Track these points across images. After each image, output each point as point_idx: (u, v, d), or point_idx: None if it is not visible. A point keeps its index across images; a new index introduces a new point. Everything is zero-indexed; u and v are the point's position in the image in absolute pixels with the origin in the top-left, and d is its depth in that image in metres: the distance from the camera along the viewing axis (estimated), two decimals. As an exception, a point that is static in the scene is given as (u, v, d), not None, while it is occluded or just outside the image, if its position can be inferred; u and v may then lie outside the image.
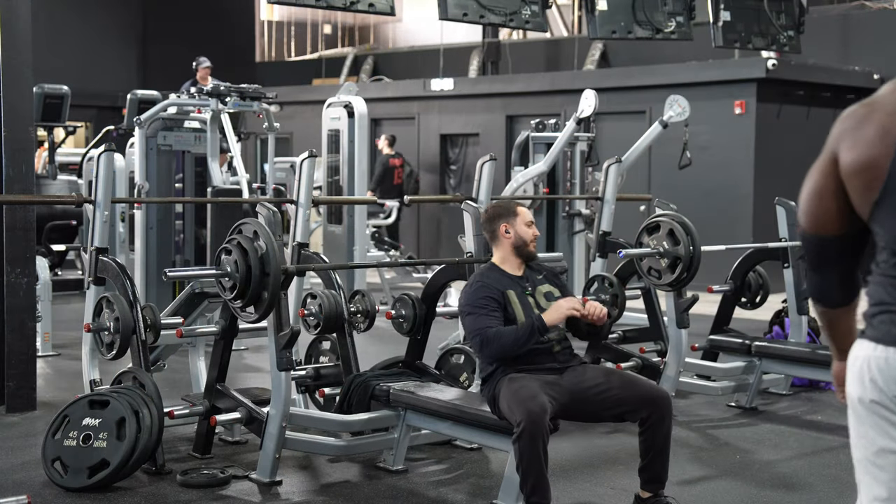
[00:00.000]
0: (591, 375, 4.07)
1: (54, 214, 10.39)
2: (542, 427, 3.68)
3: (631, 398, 3.94)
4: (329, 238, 8.49)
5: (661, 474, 3.97)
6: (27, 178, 5.60)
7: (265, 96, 7.87)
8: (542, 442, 3.69)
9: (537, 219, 8.58)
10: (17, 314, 5.60)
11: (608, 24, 8.15)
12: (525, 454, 3.68)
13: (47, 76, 11.17)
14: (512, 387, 3.89)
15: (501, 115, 13.73)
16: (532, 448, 3.67)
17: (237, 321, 4.64)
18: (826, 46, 12.91)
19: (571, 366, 4.12)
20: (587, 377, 4.05)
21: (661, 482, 3.98)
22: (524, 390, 3.83)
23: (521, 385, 3.87)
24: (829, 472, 4.81)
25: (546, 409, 3.72)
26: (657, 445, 3.91)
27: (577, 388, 3.99)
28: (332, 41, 23.09)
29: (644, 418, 3.90)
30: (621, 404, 3.95)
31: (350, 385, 4.70)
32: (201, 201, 7.56)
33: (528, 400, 3.76)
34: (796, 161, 12.02)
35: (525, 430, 3.67)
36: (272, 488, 4.41)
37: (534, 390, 3.82)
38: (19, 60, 5.60)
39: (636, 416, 3.93)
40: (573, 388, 3.99)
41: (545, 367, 4.06)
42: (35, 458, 4.65)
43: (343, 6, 6.75)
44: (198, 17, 18.24)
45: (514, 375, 3.97)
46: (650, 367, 6.07)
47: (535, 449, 3.67)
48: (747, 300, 6.56)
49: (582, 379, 4.03)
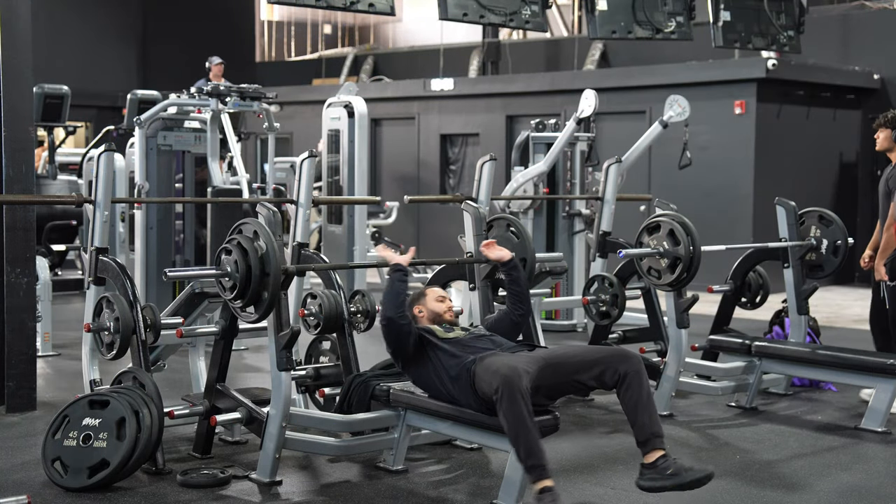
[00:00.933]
0: (561, 346, 4.35)
1: (54, 214, 10.39)
2: (519, 387, 3.76)
3: (605, 357, 4.10)
4: (329, 238, 8.49)
5: (655, 429, 3.97)
6: (27, 178, 5.60)
7: (265, 96, 7.87)
8: (523, 401, 3.75)
9: (537, 219, 8.61)
10: (17, 314, 5.60)
11: (608, 24, 8.15)
12: (509, 418, 3.75)
13: (47, 76, 11.19)
14: (483, 364, 4.05)
15: (501, 115, 13.73)
16: (514, 409, 3.74)
17: (237, 321, 4.65)
18: (826, 46, 12.91)
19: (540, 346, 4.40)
20: (558, 348, 4.30)
21: (660, 436, 3.97)
22: (497, 362, 3.99)
23: (493, 359, 4.05)
24: (829, 472, 4.81)
25: (519, 372, 3.82)
26: (642, 401, 3.97)
27: (549, 356, 4.14)
28: (332, 41, 23.09)
29: (622, 375, 4.00)
30: (597, 364, 4.07)
31: (350, 385, 4.70)
32: (201, 201, 7.56)
33: (501, 367, 3.89)
34: (796, 161, 12.10)
35: (503, 395, 3.76)
36: (272, 488, 4.41)
37: (505, 359, 3.99)
38: (19, 60, 5.60)
39: (613, 373, 4.02)
40: (546, 356, 4.14)
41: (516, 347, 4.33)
42: (35, 458, 4.65)
43: (343, 6, 6.75)
44: (198, 17, 18.24)
45: (485, 356, 4.13)
46: (650, 367, 6.05)
47: (518, 409, 3.74)
48: (747, 300, 6.56)
49: (553, 350, 4.25)
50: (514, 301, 4.69)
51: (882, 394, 5.53)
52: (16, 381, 5.59)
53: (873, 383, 5.59)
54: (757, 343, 6.08)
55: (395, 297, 4.35)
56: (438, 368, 4.29)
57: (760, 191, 11.47)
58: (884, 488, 4.57)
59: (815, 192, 11.73)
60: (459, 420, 4.26)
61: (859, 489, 4.54)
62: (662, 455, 3.93)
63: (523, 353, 4.25)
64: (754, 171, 11.69)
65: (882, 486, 4.61)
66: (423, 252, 14.03)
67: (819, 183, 12.37)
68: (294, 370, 4.55)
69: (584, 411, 5.83)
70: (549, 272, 6.34)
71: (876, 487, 4.58)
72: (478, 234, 5.28)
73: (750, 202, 11.65)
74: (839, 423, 5.71)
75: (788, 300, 6.40)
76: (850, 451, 5.17)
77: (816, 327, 6.80)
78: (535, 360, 4.07)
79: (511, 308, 4.68)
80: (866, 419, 5.54)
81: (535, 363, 4.03)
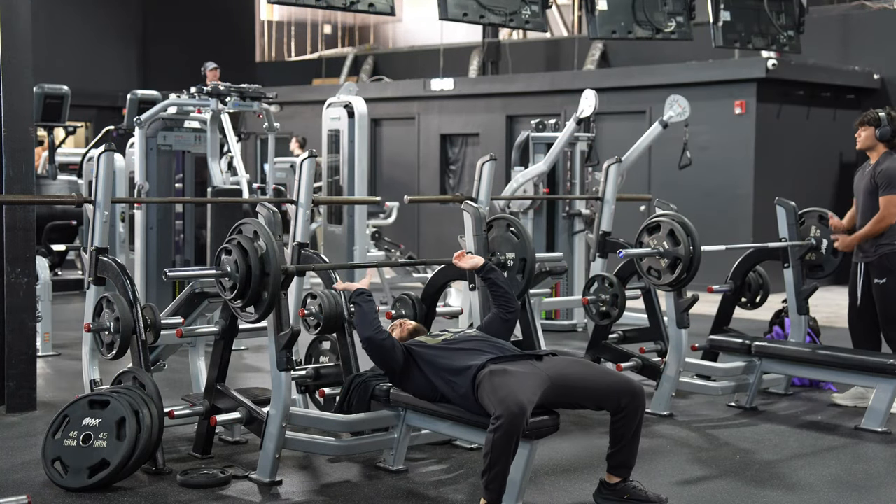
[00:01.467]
0: (570, 364, 4.25)
1: (54, 214, 10.39)
2: (518, 428, 3.80)
3: (612, 386, 4.12)
4: (329, 238, 8.49)
5: (630, 461, 4.17)
6: (27, 178, 5.60)
7: (265, 96, 7.87)
8: (516, 440, 3.82)
9: (537, 219, 8.62)
10: (18, 314, 5.60)
11: (608, 24, 8.15)
12: (496, 447, 3.79)
13: (47, 76, 11.19)
14: (494, 381, 4.01)
15: (501, 115, 13.73)
16: (504, 444, 3.79)
17: (237, 321, 4.65)
18: (826, 46, 12.91)
19: (548, 354, 4.30)
20: (567, 365, 4.21)
21: (630, 468, 4.17)
22: (505, 387, 3.94)
23: (503, 381, 3.98)
24: (829, 472, 4.81)
25: (525, 411, 3.83)
26: (629, 434, 4.11)
27: (557, 377, 4.10)
28: (332, 41, 23.09)
29: (621, 407, 4.07)
30: (604, 396, 4.11)
31: (350, 385, 4.70)
32: (201, 201, 7.56)
33: (507, 398, 3.87)
34: (796, 161, 12.10)
35: (502, 427, 3.78)
36: (272, 488, 4.41)
37: (513, 387, 3.93)
38: (19, 60, 5.60)
39: (614, 403, 4.08)
40: (554, 375, 4.10)
41: (523, 355, 4.28)
42: (35, 458, 4.65)
43: (343, 6, 6.76)
44: (198, 17, 18.24)
45: (494, 368, 4.08)
46: (650, 367, 6.07)
47: (507, 446, 3.80)
48: (747, 300, 6.56)
49: (562, 367, 4.18)
50: (498, 302, 4.71)
51: (882, 394, 5.52)
52: (16, 381, 5.59)
53: (873, 383, 5.59)
54: (757, 343, 6.08)
55: (365, 317, 4.38)
56: (437, 370, 4.28)
57: (760, 191, 11.47)
58: (884, 488, 4.57)
59: (815, 192, 11.73)
60: (459, 420, 4.26)
61: (859, 489, 4.54)
62: (623, 480, 4.17)
63: (529, 367, 4.13)
64: (754, 171, 11.69)
65: (882, 486, 4.61)
66: (424, 252, 14.05)
67: (819, 183, 12.37)
68: (294, 370, 4.55)
69: (584, 411, 5.82)
70: (549, 272, 6.33)
71: (876, 487, 4.58)
72: (478, 234, 5.28)
73: (750, 202, 11.65)
74: (839, 423, 5.71)
75: (788, 300, 6.40)
76: (850, 451, 5.17)
77: (816, 327, 6.80)
78: (542, 381, 4.03)
79: (498, 310, 4.70)
80: (866, 419, 5.54)
81: (541, 387, 4.00)
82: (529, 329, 5.77)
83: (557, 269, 6.41)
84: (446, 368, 4.24)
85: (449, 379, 4.22)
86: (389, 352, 4.35)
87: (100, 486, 4.27)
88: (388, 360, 4.37)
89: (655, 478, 4.58)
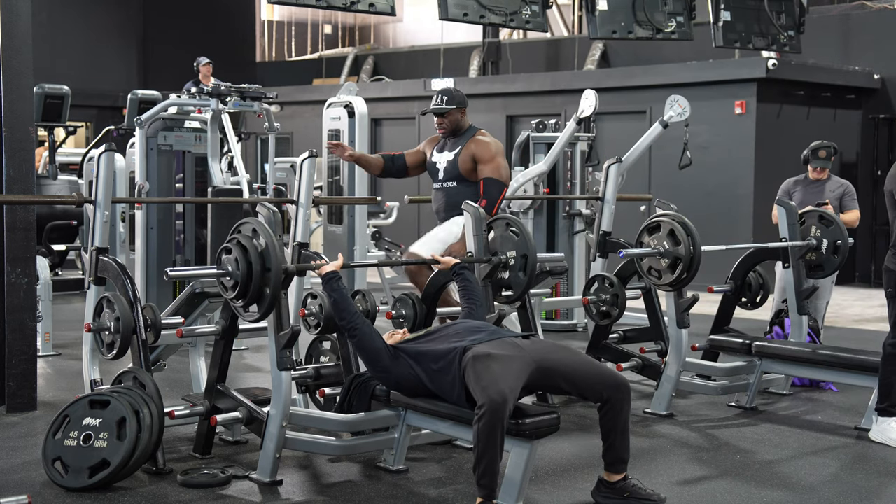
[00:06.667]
0: (557, 348, 4.28)
1: (54, 214, 10.40)
2: (501, 416, 3.81)
3: (596, 377, 4.13)
4: (329, 238, 8.49)
5: (624, 455, 4.16)
6: (27, 178, 5.60)
7: (265, 96, 7.87)
8: (501, 430, 3.82)
9: (538, 219, 8.62)
10: (18, 314, 5.60)
11: (608, 24, 8.16)
12: (482, 438, 3.81)
13: (47, 76, 11.20)
14: (477, 367, 4.02)
15: (501, 115, 13.73)
16: (489, 435, 3.80)
17: (237, 321, 4.65)
18: (826, 46, 12.92)
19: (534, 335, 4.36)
20: (554, 350, 4.24)
21: (625, 462, 4.17)
22: (488, 375, 3.96)
23: (487, 367, 4.00)
24: (829, 472, 4.81)
25: (506, 399, 3.84)
26: (619, 427, 4.11)
27: (542, 360, 4.12)
28: (332, 41, 23.10)
29: (605, 398, 4.08)
30: (587, 384, 4.11)
31: (350, 385, 4.70)
32: (201, 201, 7.56)
33: (489, 386, 3.89)
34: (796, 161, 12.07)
35: (485, 416, 3.80)
36: (272, 488, 4.42)
37: (496, 374, 3.95)
38: (19, 60, 5.60)
39: (598, 394, 4.09)
40: (539, 358, 4.11)
41: (508, 334, 4.31)
42: (35, 458, 4.65)
43: (343, 6, 6.76)
44: (198, 17, 18.25)
45: (478, 353, 4.08)
46: (650, 367, 6.07)
47: (493, 436, 3.81)
48: (747, 300, 6.56)
49: (549, 351, 4.21)
50: (466, 296, 4.81)
51: (882, 394, 5.52)
52: (16, 381, 5.59)
53: (873, 383, 5.59)
54: (757, 343, 6.07)
55: (338, 304, 4.40)
56: (422, 359, 4.27)
57: (760, 191, 11.47)
58: (884, 488, 4.57)
59: (815, 192, 11.72)
60: (459, 420, 4.26)
61: (859, 489, 4.54)
62: (623, 478, 4.17)
63: (515, 349, 4.15)
64: (754, 171, 11.69)
65: (882, 485, 4.61)
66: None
67: (819, 183, 12.35)
68: (294, 370, 4.55)
69: (584, 411, 5.83)
70: (550, 272, 6.33)
71: (876, 487, 4.58)
72: (478, 233, 5.28)
73: (750, 202, 11.65)
74: (839, 423, 5.71)
75: (788, 300, 6.41)
76: (850, 451, 5.17)
77: (816, 327, 6.80)
78: (527, 364, 4.04)
79: (465, 303, 4.79)
80: (866, 419, 5.53)
81: (525, 371, 4.01)
82: (530, 329, 5.77)
83: (558, 269, 6.41)
84: (430, 355, 4.24)
85: (433, 368, 4.21)
86: (368, 338, 4.35)
87: (100, 486, 4.27)
88: (368, 345, 4.35)
89: (655, 477, 4.59)
